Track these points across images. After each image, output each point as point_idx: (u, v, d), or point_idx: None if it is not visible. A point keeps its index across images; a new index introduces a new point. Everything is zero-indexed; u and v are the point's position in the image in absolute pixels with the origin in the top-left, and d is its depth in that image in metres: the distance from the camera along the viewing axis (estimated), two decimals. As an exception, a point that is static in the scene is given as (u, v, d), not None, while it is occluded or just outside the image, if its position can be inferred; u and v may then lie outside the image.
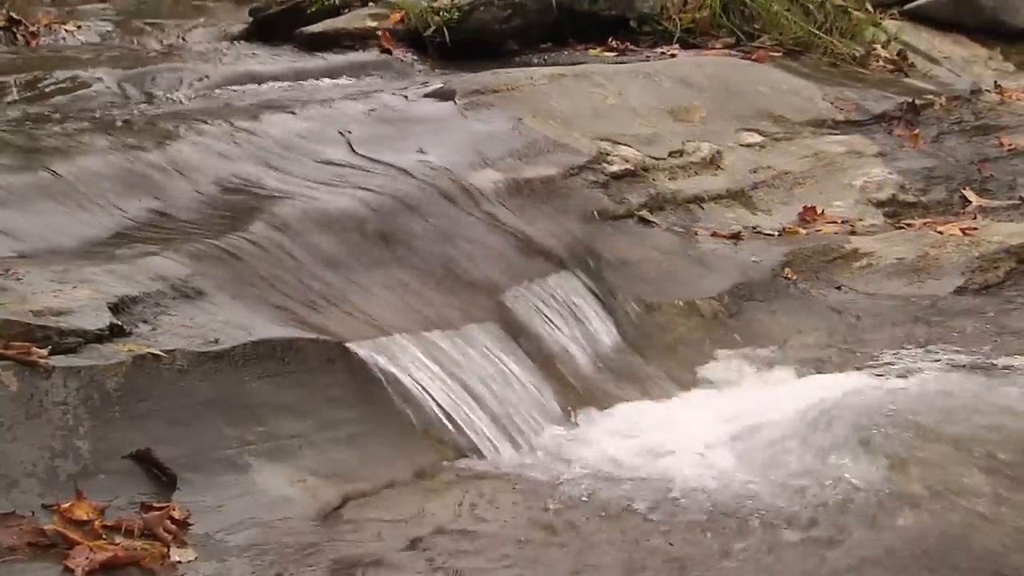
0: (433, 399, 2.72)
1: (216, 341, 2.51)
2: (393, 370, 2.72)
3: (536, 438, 2.76)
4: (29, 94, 4.19)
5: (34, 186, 3.06)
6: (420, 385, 2.73)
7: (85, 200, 3.07)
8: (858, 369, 3.09)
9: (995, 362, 3.05)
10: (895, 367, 3.07)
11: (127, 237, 2.95)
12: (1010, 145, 4.58)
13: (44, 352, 2.27)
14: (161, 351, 2.40)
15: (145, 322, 2.52)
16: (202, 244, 2.85)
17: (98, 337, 2.38)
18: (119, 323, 2.45)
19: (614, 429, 2.79)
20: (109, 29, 5.78)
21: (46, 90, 4.24)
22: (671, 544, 2.26)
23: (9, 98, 4.14)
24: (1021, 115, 4.85)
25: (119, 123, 3.71)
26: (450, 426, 2.70)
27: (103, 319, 2.42)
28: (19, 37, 5.24)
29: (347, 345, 2.71)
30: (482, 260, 3.30)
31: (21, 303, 2.40)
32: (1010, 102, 5.01)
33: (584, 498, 2.44)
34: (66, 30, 5.49)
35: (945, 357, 3.13)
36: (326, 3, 5.62)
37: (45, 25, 5.46)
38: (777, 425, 2.66)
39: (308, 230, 3.10)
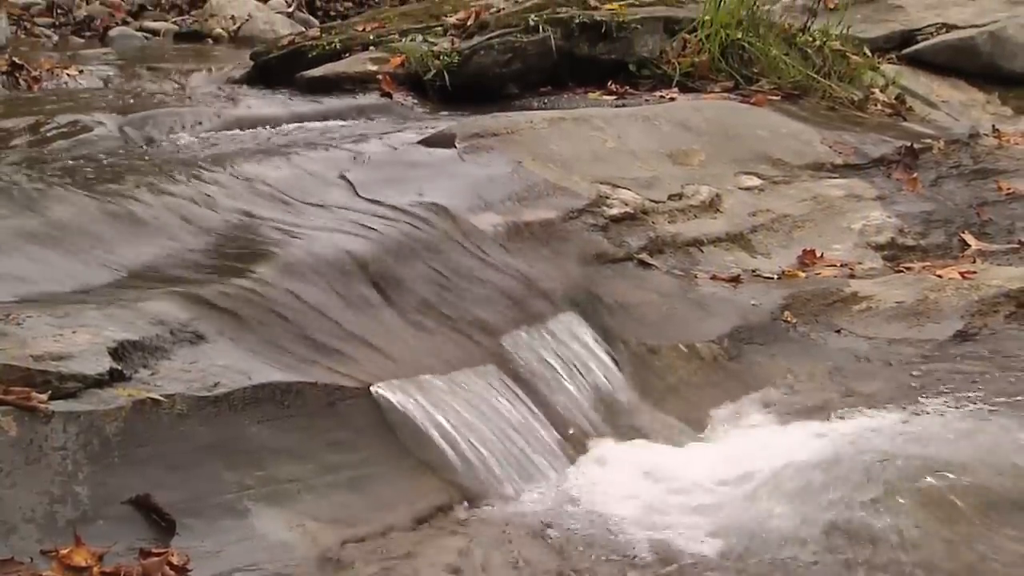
0: (432, 443, 2.71)
1: (216, 385, 2.51)
2: (393, 414, 2.72)
3: (535, 483, 2.75)
4: (30, 139, 4.21)
5: (35, 231, 3.07)
6: (420, 429, 2.73)
7: (86, 244, 3.08)
8: (857, 414, 3.09)
9: (994, 408, 3.05)
10: (895, 412, 3.07)
11: (128, 281, 2.95)
12: (1008, 189, 4.58)
13: (44, 397, 2.26)
14: (161, 396, 2.40)
15: (145, 367, 2.52)
16: (203, 288, 2.85)
17: (98, 382, 2.38)
18: (119, 368, 2.45)
19: (613, 475, 2.78)
20: (111, 74, 5.82)
21: (47, 135, 4.25)
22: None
23: (11, 143, 4.15)
24: (1019, 159, 4.85)
25: (120, 167, 3.72)
26: (449, 471, 2.69)
27: (103, 364, 2.42)
28: (21, 82, 5.28)
29: (347, 388, 2.71)
30: (482, 303, 3.31)
31: (21, 348, 2.40)
32: (1008, 146, 5.01)
33: (582, 547, 2.43)
34: (68, 75, 5.52)
35: (945, 402, 3.13)
36: (327, 47, 5.65)
37: (47, 70, 5.50)
38: (778, 474, 2.65)
39: (308, 273, 3.09)
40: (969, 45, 6.20)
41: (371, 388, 2.74)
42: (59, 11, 8.26)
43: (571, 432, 2.99)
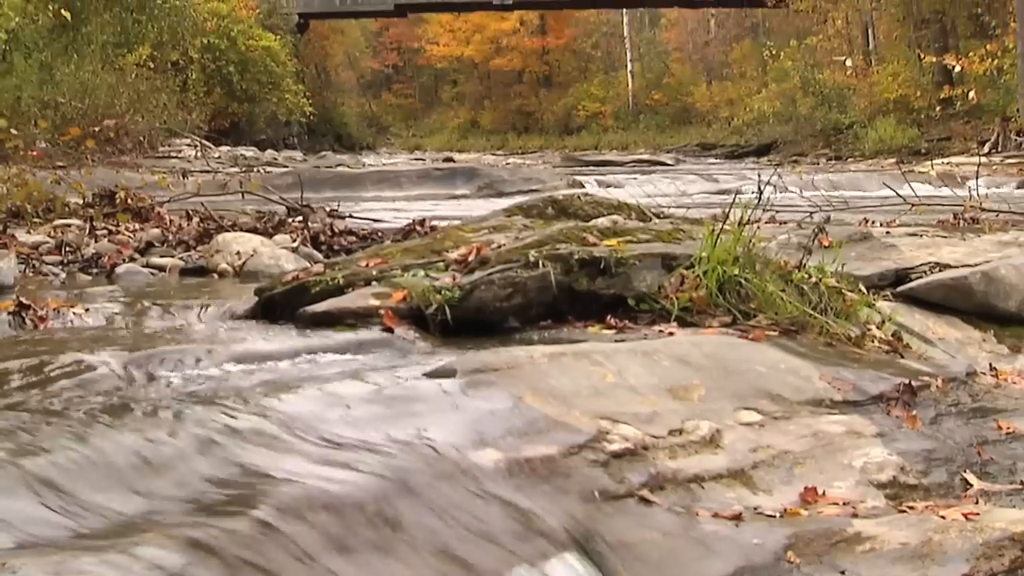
0: None
1: (210, 633, 2.47)
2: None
3: None
4: (32, 379, 4.23)
5: (33, 474, 3.05)
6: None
7: (84, 487, 3.06)
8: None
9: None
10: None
11: (125, 525, 2.92)
12: (1008, 428, 4.57)
13: (35, 649, 2.23)
14: (154, 645, 2.36)
15: (139, 613, 2.48)
16: (199, 531, 2.82)
17: (91, 631, 2.35)
18: (112, 615, 2.41)
19: None
20: (116, 311, 5.88)
21: (50, 375, 4.28)
22: None
23: (13, 384, 4.18)
24: (1018, 399, 4.85)
25: (121, 408, 3.73)
26: None
27: (97, 612, 2.39)
28: (28, 321, 5.34)
29: (344, 635, 2.67)
30: (482, 542, 3.27)
31: (15, 597, 2.37)
32: (1006, 385, 5.03)
33: None
34: (74, 313, 5.59)
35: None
36: (330, 283, 5.74)
37: (54, 308, 5.57)
38: None
39: (306, 513, 3.08)
40: (963, 284, 6.28)
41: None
42: (67, 249, 8.41)
43: None
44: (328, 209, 11.51)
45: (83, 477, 3.10)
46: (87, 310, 5.72)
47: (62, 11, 24.32)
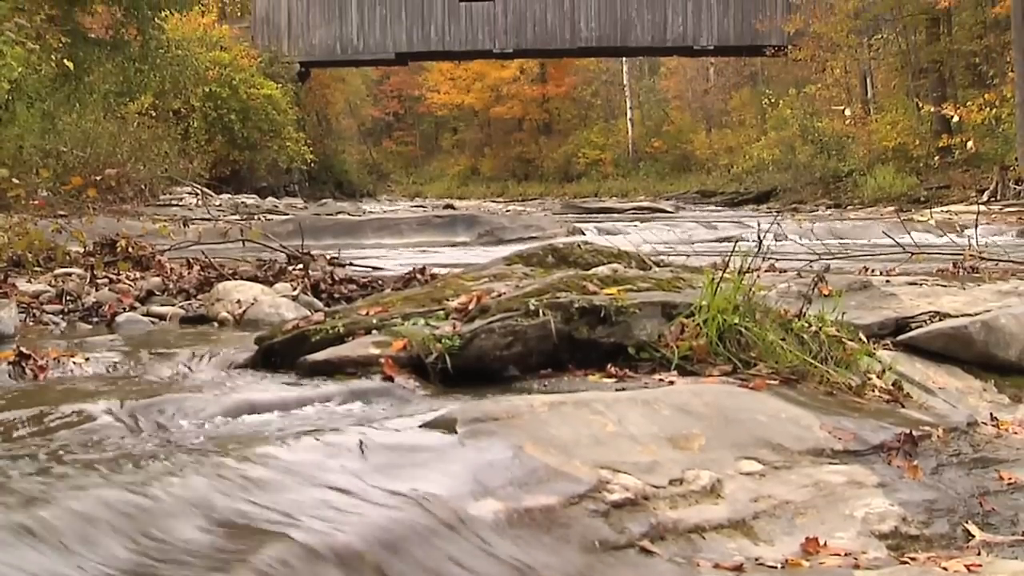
0: None
1: None
2: None
3: None
4: (33, 429, 4.23)
5: (30, 527, 3.03)
6: None
7: (83, 539, 3.04)
8: None
9: None
10: None
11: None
12: (1010, 479, 4.55)
13: None
14: None
15: (137, 666, 2.47)
16: (199, 582, 2.83)
17: None
18: (109, 668, 2.40)
19: None
20: (117, 360, 5.87)
21: (51, 425, 4.28)
22: None
23: (14, 434, 4.17)
24: (1019, 449, 4.84)
25: (120, 458, 3.72)
26: None
27: (93, 664, 2.38)
28: (28, 371, 5.33)
29: None
30: (482, 594, 3.26)
31: (12, 649, 2.36)
32: (1007, 435, 5.01)
33: None
34: (74, 362, 5.58)
35: None
36: (330, 332, 5.74)
37: (54, 358, 5.56)
38: None
39: (307, 564, 3.07)
40: (963, 334, 6.27)
41: None
42: (68, 298, 8.41)
43: None
44: (328, 257, 11.52)
45: (85, 528, 3.09)
46: (87, 359, 5.72)
47: (65, 61, 24.54)
